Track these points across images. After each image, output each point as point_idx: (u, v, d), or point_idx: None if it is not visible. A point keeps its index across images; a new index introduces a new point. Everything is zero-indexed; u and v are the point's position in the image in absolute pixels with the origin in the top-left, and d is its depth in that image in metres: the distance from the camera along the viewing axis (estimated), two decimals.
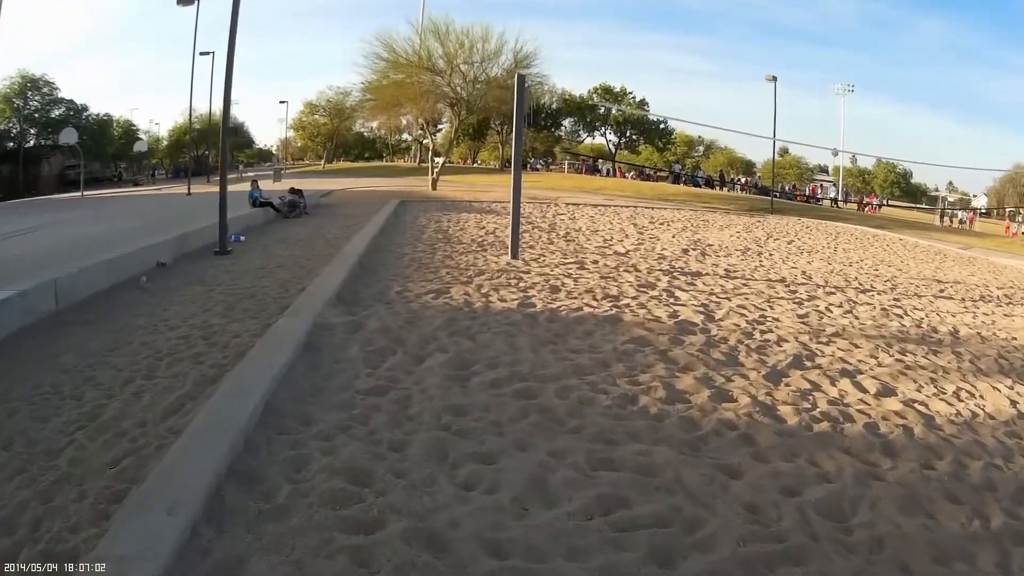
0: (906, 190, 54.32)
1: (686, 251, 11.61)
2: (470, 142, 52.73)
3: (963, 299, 9.15)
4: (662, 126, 51.80)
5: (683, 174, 44.37)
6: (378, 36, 25.77)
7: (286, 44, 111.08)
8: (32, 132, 43.03)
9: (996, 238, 26.00)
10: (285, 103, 58.76)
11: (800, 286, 8.88)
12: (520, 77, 9.74)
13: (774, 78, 30.38)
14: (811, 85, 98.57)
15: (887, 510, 2.93)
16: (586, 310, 6.36)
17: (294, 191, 16.32)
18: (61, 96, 43.92)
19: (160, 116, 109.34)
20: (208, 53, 28.97)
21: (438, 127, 38.33)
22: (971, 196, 46.27)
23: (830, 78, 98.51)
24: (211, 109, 36.14)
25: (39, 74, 42.57)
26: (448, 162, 32.06)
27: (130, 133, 49.45)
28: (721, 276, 9.15)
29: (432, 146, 31.32)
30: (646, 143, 53.32)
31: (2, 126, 41.59)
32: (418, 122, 33.37)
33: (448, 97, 26.56)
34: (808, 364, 5.09)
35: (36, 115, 42.81)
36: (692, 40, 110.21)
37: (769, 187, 35.03)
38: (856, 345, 5.84)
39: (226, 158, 11.93)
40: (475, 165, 55.08)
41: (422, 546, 2.40)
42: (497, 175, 38.68)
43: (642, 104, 50.04)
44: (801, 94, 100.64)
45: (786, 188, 40.88)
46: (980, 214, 36.35)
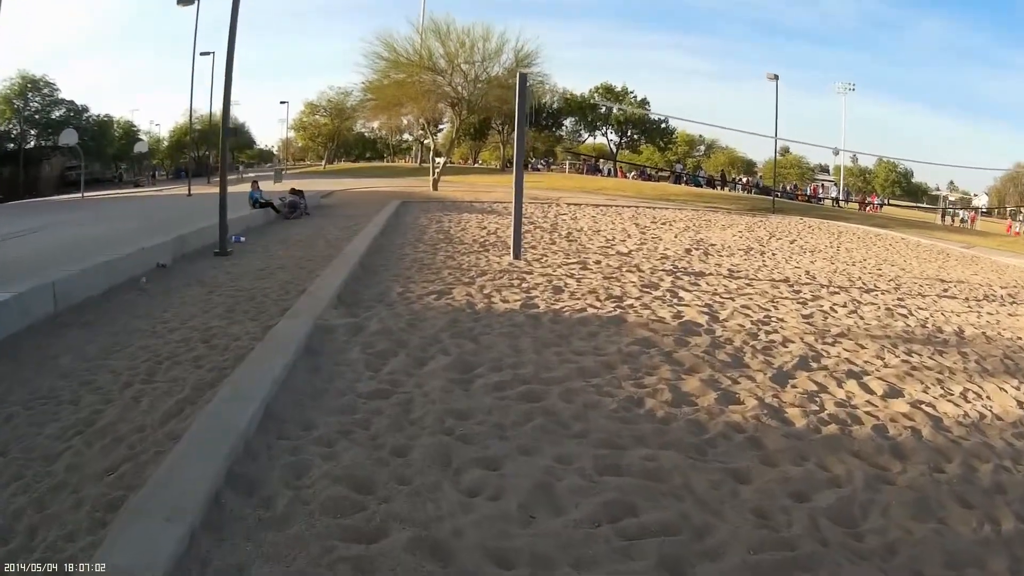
0: (907, 189, 54.31)
1: (689, 251, 11.56)
2: (471, 142, 52.77)
3: (967, 299, 9.13)
4: (663, 125, 51.73)
5: (684, 174, 44.30)
6: (379, 36, 25.80)
7: (286, 44, 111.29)
8: (32, 133, 43.16)
9: (998, 237, 25.98)
10: (286, 103, 58.85)
11: (804, 286, 8.84)
12: (522, 76, 9.70)
13: (776, 77, 30.35)
14: (812, 85, 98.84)
15: (898, 515, 2.89)
16: (590, 311, 6.31)
17: (295, 192, 16.31)
18: (61, 97, 44.12)
19: (161, 117, 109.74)
20: (208, 53, 29.02)
21: (439, 127, 38.42)
22: (972, 195, 46.28)
23: (831, 77, 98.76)
24: (211, 109, 36.26)
25: (39, 75, 42.77)
26: (449, 162, 32.08)
27: (131, 134, 49.55)
28: (724, 276, 9.11)
29: (433, 146, 31.32)
30: (647, 143, 53.25)
31: (2, 127, 41.63)
32: (419, 122, 33.40)
33: (449, 97, 26.55)
34: (814, 365, 5.05)
35: (36, 116, 42.93)
36: (693, 40, 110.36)
37: (771, 187, 34.94)
38: (862, 346, 5.82)
39: (226, 159, 11.88)
40: (476, 165, 55.07)
41: (426, 556, 2.35)
42: (498, 175, 38.67)
43: (643, 103, 49.98)
44: (802, 93, 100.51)
45: (787, 188, 40.81)
46: (981, 213, 36.30)
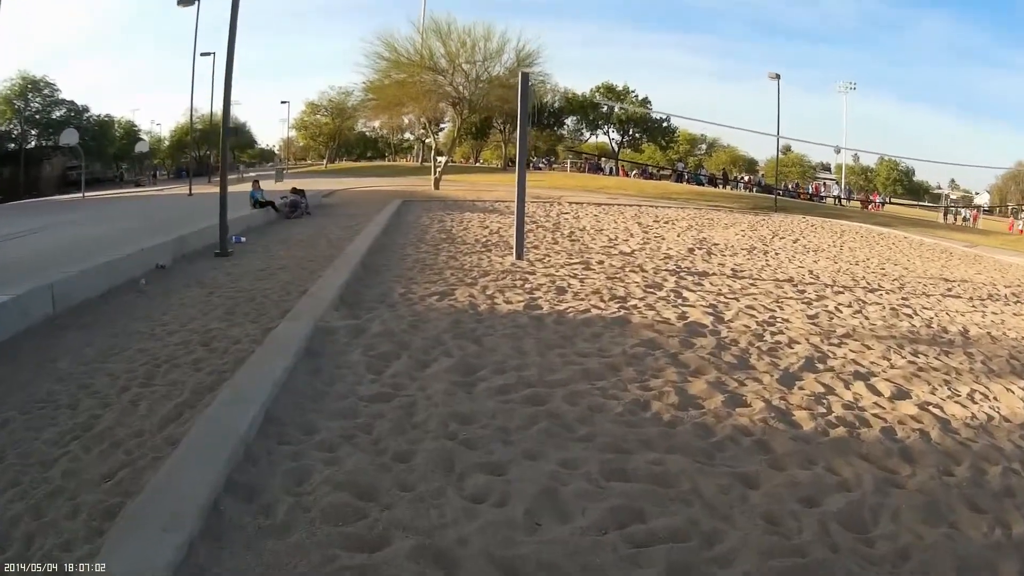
0: (908, 188, 54.26)
1: (692, 250, 11.51)
2: (472, 141, 52.69)
3: (971, 298, 9.09)
4: (665, 124, 51.60)
5: (686, 172, 44.21)
6: (379, 35, 25.78)
7: (287, 44, 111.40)
8: (33, 133, 43.19)
9: (1000, 235, 25.90)
10: (287, 103, 58.73)
11: (808, 285, 8.79)
12: (524, 75, 9.63)
13: (777, 76, 30.26)
14: (812, 83, 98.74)
15: (909, 520, 2.85)
16: (593, 312, 6.26)
17: (296, 191, 16.27)
18: (62, 97, 44.10)
19: (162, 116, 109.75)
20: (209, 53, 28.90)
21: (440, 126, 38.38)
22: (973, 193, 46.16)
23: (832, 76, 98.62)
24: (212, 109, 36.23)
25: (39, 75, 42.77)
26: (450, 161, 32.01)
27: (131, 134, 49.56)
28: (728, 276, 9.05)
29: (434, 145, 31.29)
30: (649, 141, 53.14)
31: (3, 127, 41.63)
32: (420, 121, 33.37)
33: (450, 96, 26.52)
34: (820, 367, 5.01)
35: (37, 116, 42.94)
36: (693, 39, 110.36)
37: (773, 185, 34.85)
38: (868, 346, 5.77)
39: (226, 159, 11.83)
40: (477, 164, 55.03)
41: (429, 564, 2.30)
42: (500, 174, 38.65)
43: (645, 102, 49.84)
44: (803, 92, 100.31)
45: (789, 186, 40.72)
46: (983, 212, 36.20)
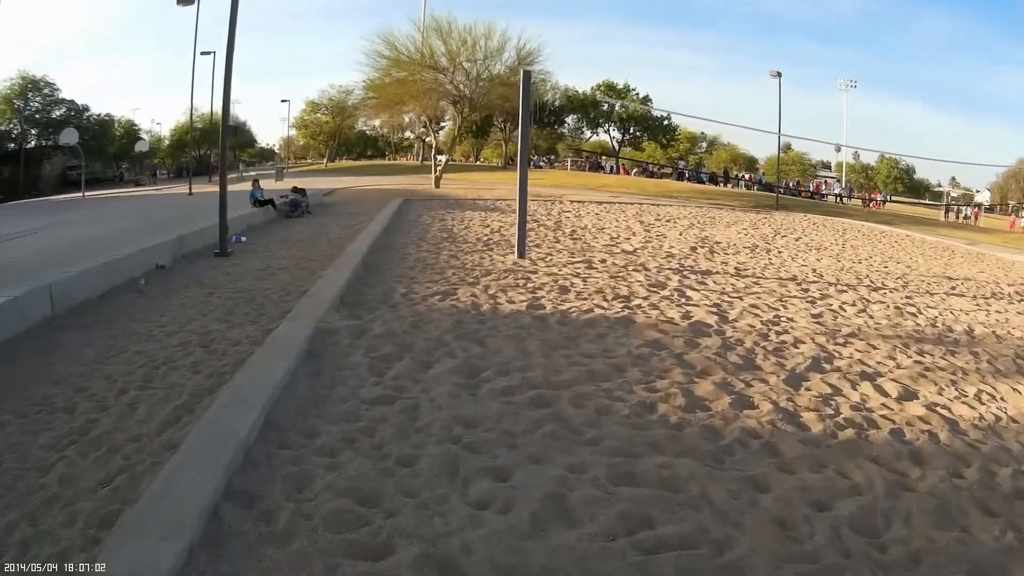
0: (909, 186, 54.27)
1: (694, 249, 11.44)
2: (473, 140, 52.61)
3: (975, 296, 9.04)
4: (666, 122, 51.52)
5: (687, 171, 44.13)
6: (380, 34, 25.75)
7: (287, 45, 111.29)
8: (33, 133, 43.14)
9: (1001, 233, 25.82)
10: (287, 102, 58.74)
11: (811, 284, 8.74)
12: (526, 73, 9.57)
13: (779, 74, 30.14)
14: (813, 82, 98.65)
15: (920, 523, 2.79)
16: (597, 311, 6.20)
17: (297, 190, 16.25)
18: (62, 97, 44.04)
19: (162, 116, 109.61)
20: (209, 53, 28.80)
21: (441, 125, 38.29)
22: (974, 191, 46.09)
23: (832, 74, 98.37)
24: (212, 108, 36.15)
25: (39, 75, 42.71)
26: (451, 160, 31.93)
27: (131, 133, 49.49)
28: (731, 274, 8.99)
29: (435, 144, 31.21)
30: (650, 140, 53.06)
31: (3, 127, 41.58)
32: (421, 120, 33.29)
33: (451, 95, 26.46)
34: (827, 367, 4.95)
35: (37, 116, 42.89)
36: (694, 37, 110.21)
37: (774, 183, 34.76)
38: (873, 346, 5.72)
39: (226, 158, 11.77)
40: (478, 163, 54.97)
41: (434, 573, 2.24)
42: (500, 172, 38.60)
43: (645, 100, 49.74)
44: (803, 91, 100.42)
45: (790, 185, 40.65)
46: (984, 209, 36.12)
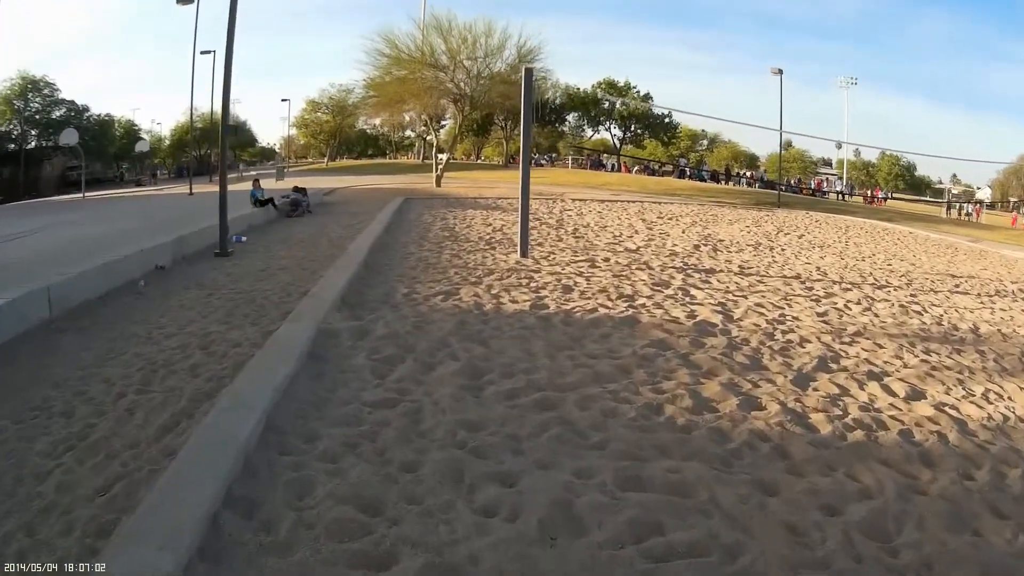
0: (910, 183, 54.08)
1: (697, 247, 11.38)
2: (474, 138, 52.49)
3: (979, 294, 8.99)
4: (667, 120, 51.36)
5: (688, 168, 43.98)
6: (380, 32, 25.70)
7: (287, 44, 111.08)
8: (33, 133, 43.04)
9: (1003, 230, 25.68)
10: (287, 101, 58.66)
11: (816, 282, 8.69)
12: (528, 71, 9.49)
13: (780, 71, 30.01)
14: (814, 79, 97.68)
15: (932, 527, 2.75)
16: (601, 311, 6.13)
17: (298, 189, 16.21)
18: (62, 97, 43.94)
19: (162, 116, 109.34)
20: (209, 52, 28.66)
21: (441, 123, 38.20)
22: (975, 188, 45.87)
23: (833, 71, 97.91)
24: (212, 108, 36.05)
25: (39, 75, 42.60)
26: (452, 159, 31.86)
27: (132, 133, 49.36)
28: (735, 273, 8.93)
29: (436, 143, 31.13)
30: (651, 137, 52.93)
31: (3, 128, 41.52)
32: (421, 118, 33.20)
33: (451, 93, 26.40)
34: (834, 367, 4.90)
35: (37, 116, 42.79)
36: (695, 35, 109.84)
37: (775, 181, 34.64)
38: (879, 345, 5.67)
39: (226, 158, 11.71)
40: (479, 161, 54.87)
41: None
42: (501, 171, 38.53)
43: (646, 98, 49.60)
44: (804, 88, 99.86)
45: (791, 182, 40.52)
46: (985, 206, 35.94)
